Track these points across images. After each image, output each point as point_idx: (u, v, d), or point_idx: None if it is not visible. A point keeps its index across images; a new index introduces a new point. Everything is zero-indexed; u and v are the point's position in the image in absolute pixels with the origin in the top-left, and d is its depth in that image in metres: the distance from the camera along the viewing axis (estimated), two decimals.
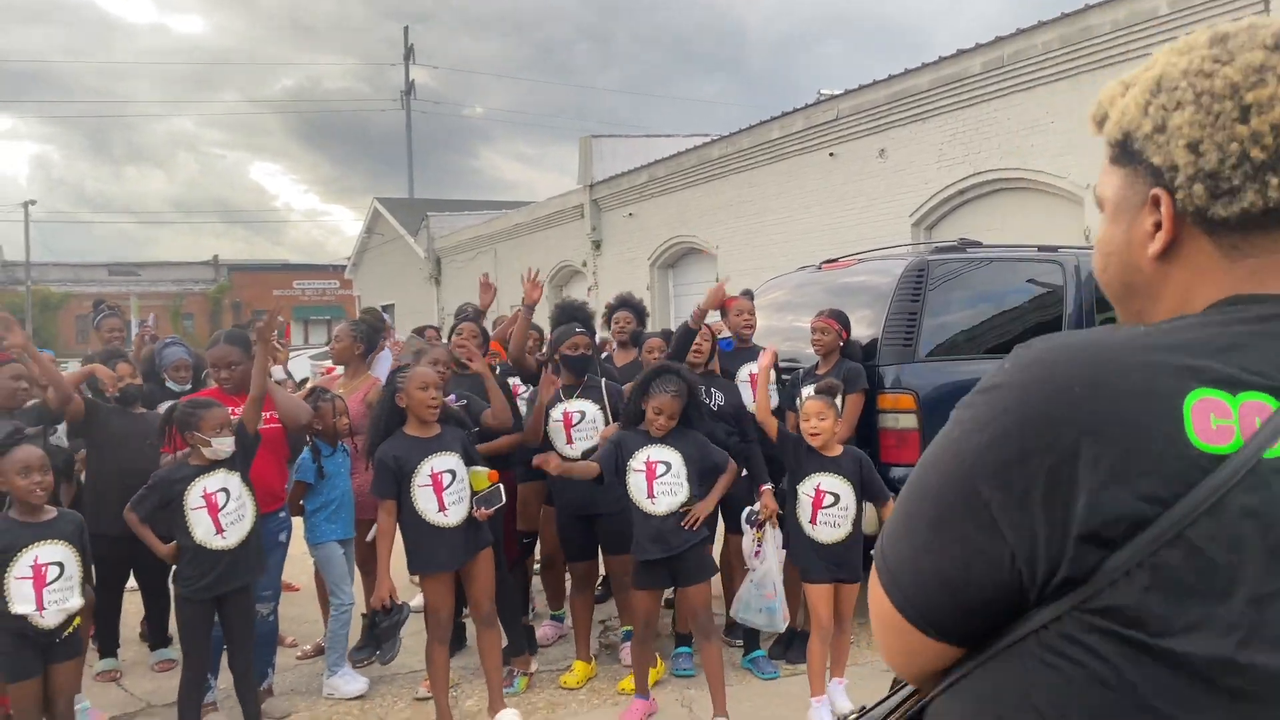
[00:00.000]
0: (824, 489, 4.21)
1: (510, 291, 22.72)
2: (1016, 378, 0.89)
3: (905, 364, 5.18)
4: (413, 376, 4.17)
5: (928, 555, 0.91)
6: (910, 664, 0.99)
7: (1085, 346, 0.88)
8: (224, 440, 3.91)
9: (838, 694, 4.30)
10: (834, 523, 4.20)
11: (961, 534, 0.88)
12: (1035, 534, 0.83)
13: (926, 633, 0.93)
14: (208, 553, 3.85)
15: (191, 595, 3.89)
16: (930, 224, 12.23)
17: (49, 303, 45.46)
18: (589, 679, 4.81)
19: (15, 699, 3.46)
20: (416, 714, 4.51)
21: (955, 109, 11.76)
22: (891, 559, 0.96)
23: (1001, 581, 0.86)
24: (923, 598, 0.93)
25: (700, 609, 4.24)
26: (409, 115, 43.92)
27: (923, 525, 0.92)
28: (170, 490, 3.87)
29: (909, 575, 0.94)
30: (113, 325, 6.97)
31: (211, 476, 3.90)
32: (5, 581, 3.34)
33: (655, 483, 4.21)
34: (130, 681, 5.07)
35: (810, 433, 4.21)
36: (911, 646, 0.96)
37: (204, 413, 3.90)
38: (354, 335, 5.53)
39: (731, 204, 15.90)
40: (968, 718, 0.92)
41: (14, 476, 3.40)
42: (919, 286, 5.30)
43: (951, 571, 0.89)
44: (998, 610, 0.88)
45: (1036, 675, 0.85)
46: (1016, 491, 0.84)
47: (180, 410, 3.99)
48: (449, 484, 4.11)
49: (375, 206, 33.19)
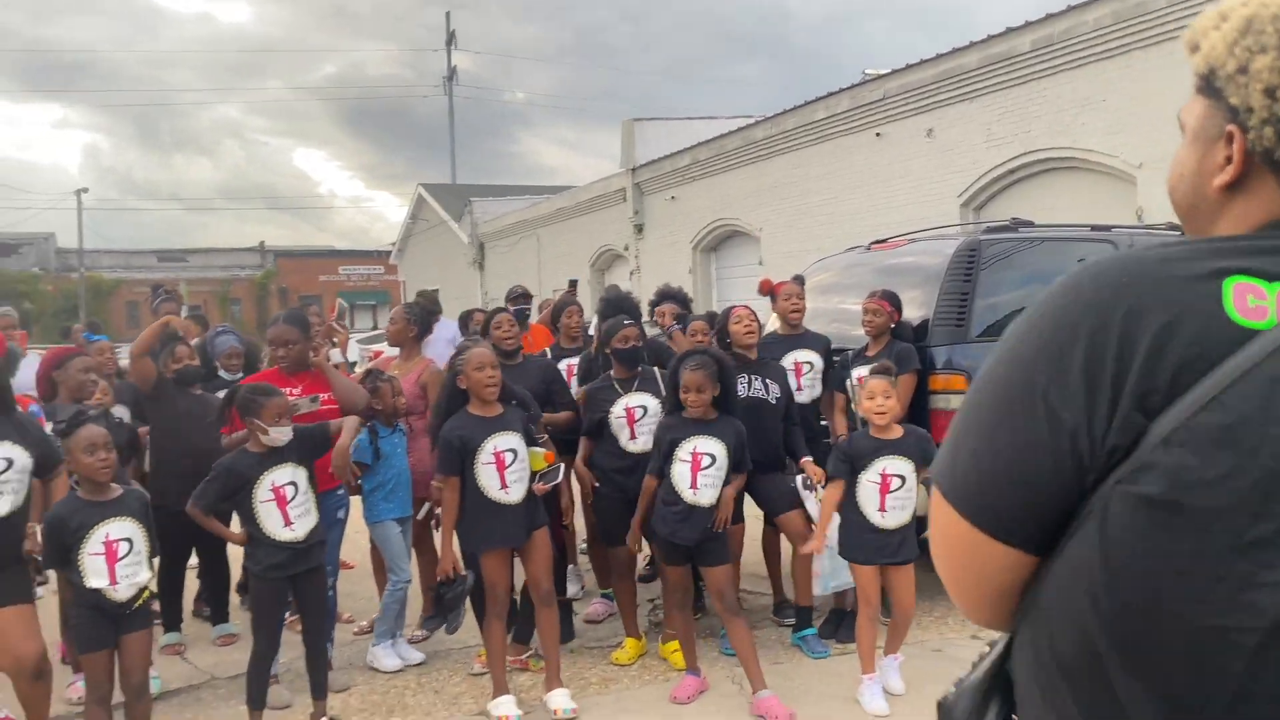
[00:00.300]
0: (890, 473, 4.20)
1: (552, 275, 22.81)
2: (1067, 281, 0.96)
3: (957, 345, 5.16)
4: (469, 358, 4.24)
5: (991, 456, 0.95)
6: (982, 588, 1.01)
7: (1131, 252, 0.95)
8: (282, 429, 3.98)
9: (891, 670, 4.32)
10: (901, 505, 4.20)
11: (1022, 426, 0.92)
12: (1090, 410, 0.88)
13: (996, 536, 0.95)
14: (278, 543, 3.95)
15: (263, 575, 3.99)
16: (979, 204, 12.09)
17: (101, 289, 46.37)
18: (640, 655, 4.86)
19: (89, 668, 3.58)
20: (471, 687, 4.59)
21: (1004, 87, 11.59)
22: (956, 470, 0.99)
23: (1064, 467, 0.90)
24: (990, 499, 0.95)
25: (725, 589, 4.31)
26: (451, 101, 44.14)
27: (983, 427, 0.96)
28: (235, 481, 3.95)
29: (974, 481, 0.97)
30: (169, 309, 7.12)
31: (280, 470, 3.98)
32: (80, 558, 3.45)
33: (700, 474, 4.26)
34: (193, 655, 5.20)
35: (876, 411, 4.21)
36: (983, 562, 0.98)
37: (265, 400, 3.97)
38: (408, 318, 5.61)
39: (775, 186, 15.82)
40: (1041, 627, 0.94)
41: (80, 454, 3.50)
42: (971, 266, 5.27)
43: (1017, 466, 0.93)
44: (1062, 501, 0.91)
45: (1087, 556, 0.89)
46: (1072, 374, 0.89)
47: (243, 394, 4.07)
48: (510, 462, 4.19)
49: (420, 192, 33.43)
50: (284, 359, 4.70)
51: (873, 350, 5.09)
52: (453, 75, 44.35)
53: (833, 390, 5.25)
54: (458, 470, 4.18)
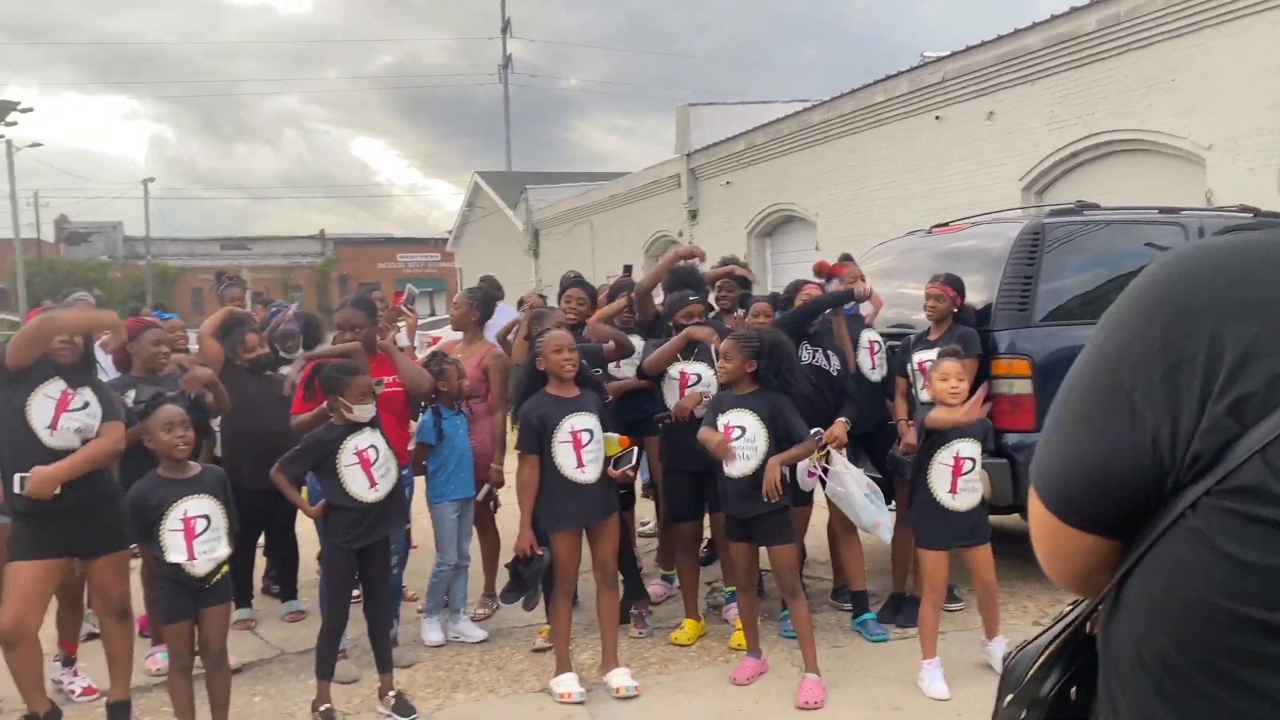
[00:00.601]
0: (963, 455, 4.22)
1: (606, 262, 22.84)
2: (1159, 275, 0.94)
3: (1020, 329, 5.11)
4: (547, 340, 4.33)
5: (1073, 449, 0.96)
6: (1066, 566, 1.03)
7: (1226, 242, 0.92)
8: (365, 407, 4.10)
9: (999, 651, 4.33)
10: (971, 488, 4.23)
11: (1105, 424, 0.92)
12: (1176, 417, 0.87)
13: (1076, 525, 0.97)
14: (360, 506, 4.07)
15: (341, 544, 4.11)
16: (1041, 188, 11.90)
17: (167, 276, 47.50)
18: (700, 636, 4.91)
19: (170, 638, 3.72)
20: (533, 664, 4.67)
21: (1068, 68, 11.38)
22: (1043, 461, 1.00)
23: (1143, 468, 0.90)
24: (1067, 490, 0.97)
25: (785, 569, 4.34)
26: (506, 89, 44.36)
27: (1069, 422, 0.97)
28: (323, 450, 4.08)
29: (1057, 472, 0.98)
30: (235, 295, 7.30)
31: (360, 435, 4.11)
32: (160, 533, 3.58)
33: (733, 441, 4.29)
34: (264, 630, 5.36)
35: (950, 392, 4.21)
36: (1064, 545, 1.00)
37: (350, 379, 4.09)
38: (471, 303, 5.69)
39: (832, 170, 15.71)
40: (1131, 617, 0.95)
41: (159, 432, 3.63)
42: (1035, 250, 5.21)
43: (1097, 462, 0.93)
44: (1140, 498, 0.91)
45: (1185, 562, 0.88)
46: (1158, 376, 0.88)
47: (328, 372, 4.18)
48: (587, 442, 4.28)
49: (475, 180, 33.70)
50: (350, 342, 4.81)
51: (934, 335, 5.06)
52: (508, 63, 44.55)
53: (893, 374, 5.23)
54: (537, 448, 4.27)
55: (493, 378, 5.33)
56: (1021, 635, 4.71)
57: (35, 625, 3.87)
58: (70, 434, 3.78)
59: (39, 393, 3.74)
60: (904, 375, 5.16)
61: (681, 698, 4.27)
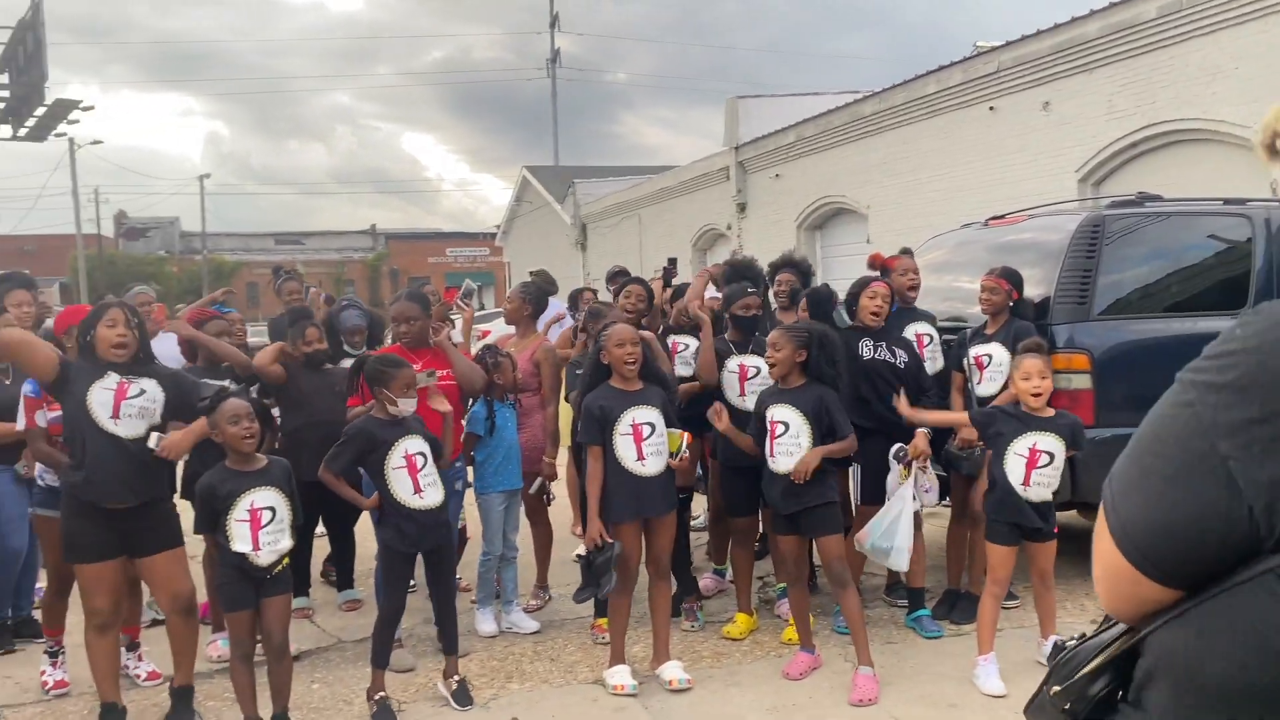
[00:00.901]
0: (1039, 449, 4.17)
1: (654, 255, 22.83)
2: (1254, 340, 0.93)
3: (1079, 323, 5.03)
4: (611, 334, 4.35)
5: (1161, 509, 0.95)
6: (1133, 608, 1.03)
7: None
8: (409, 400, 4.11)
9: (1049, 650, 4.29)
10: (1046, 483, 4.18)
11: (1198, 490, 0.91)
12: (1275, 488, 0.86)
13: (1155, 579, 0.98)
14: (404, 510, 4.08)
15: (390, 544, 4.15)
16: (1098, 179, 11.68)
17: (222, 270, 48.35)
18: (751, 631, 4.90)
19: (233, 626, 3.81)
20: (586, 656, 4.70)
21: (1127, 57, 11.14)
22: (1124, 511, 1.00)
23: (1236, 533, 0.89)
24: (1155, 548, 0.97)
25: (833, 560, 4.33)
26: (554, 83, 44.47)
27: (1157, 480, 0.96)
28: (367, 444, 4.08)
29: (1142, 527, 0.98)
30: (292, 289, 7.40)
31: (412, 439, 4.10)
32: (227, 524, 3.65)
33: (775, 442, 4.34)
34: (321, 619, 5.45)
35: (1033, 392, 4.17)
36: (1138, 593, 1.00)
37: (393, 371, 4.11)
38: (523, 297, 5.73)
39: (884, 162, 15.55)
40: (1191, 649, 0.95)
41: (226, 425, 3.71)
42: (1094, 242, 5.12)
43: (1185, 525, 0.93)
44: (1228, 558, 0.91)
45: (1266, 609, 0.88)
46: (1257, 449, 0.87)
47: (371, 365, 4.23)
48: (648, 435, 4.28)
49: (524, 174, 33.88)
50: (405, 335, 4.86)
51: (991, 329, 5.00)
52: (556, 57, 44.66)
53: (950, 369, 5.18)
54: (599, 439, 4.29)
55: (544, 371, 5.36)
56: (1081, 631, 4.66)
57: (123, 611, 4.01)
58: (134, 420, 3.83)
59: (96, 387, 3.79)
60: (960, 370, 5.10)
61: (734, 691, 4.27)
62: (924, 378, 4.96)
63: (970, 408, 5.00)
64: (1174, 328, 5.11)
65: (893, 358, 4.91)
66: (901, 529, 4.60)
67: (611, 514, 4.32)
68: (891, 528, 4.61)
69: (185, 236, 53.98)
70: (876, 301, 4.96)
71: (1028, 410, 4.23)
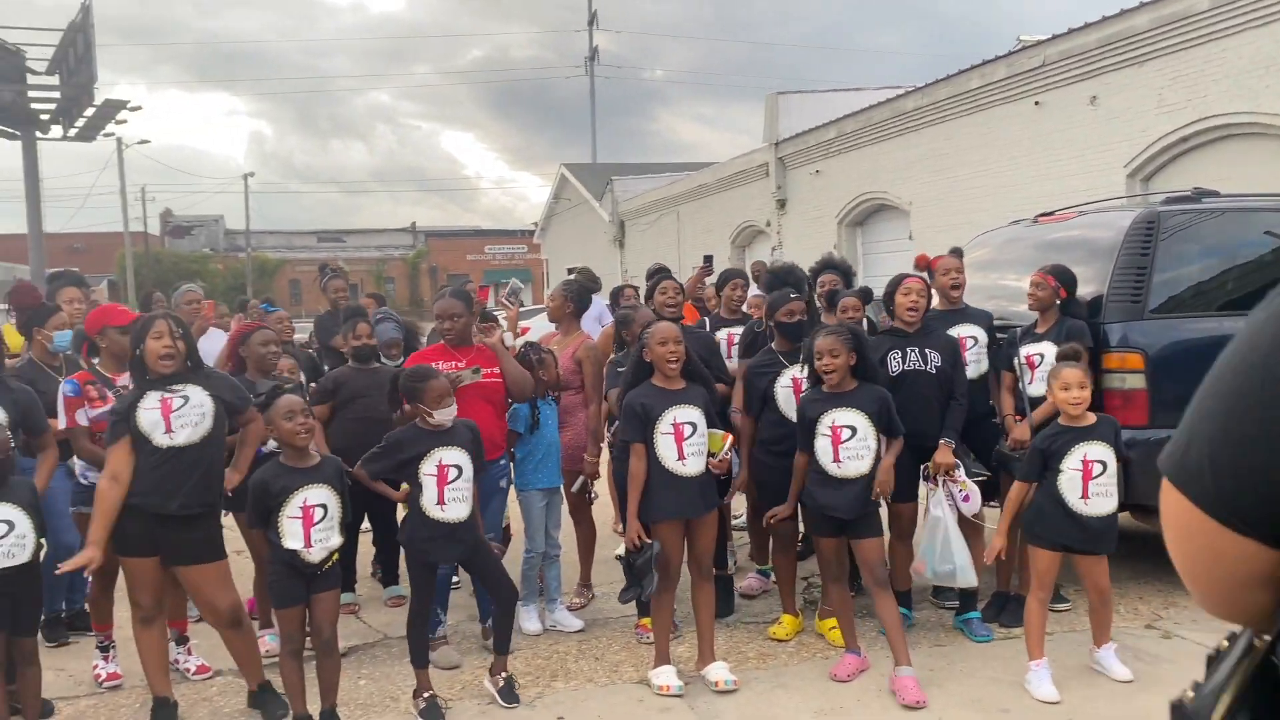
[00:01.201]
0: (1091, 458, 4.08)
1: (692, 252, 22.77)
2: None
3: (1133, 321, 4.93)
4: (654, 332, 4.32)
5: (1231, 444, 0.90)
6: (1215, 577, 0.96)
7: None
8: (445, 411, 4.08)
9: (1110, 659, 4.24)
10: (1105, 491, 4.09)
11: (1263, 416, 0.87)
12: None
13: (1232, 526, 0.91)
14: (424, 518, 4.06)
15: (407, 544, 4.16)
16: (1147, 175, 11.47)
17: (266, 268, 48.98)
18: (798, 632, 4.87)
19: (283, 622, 3.84)
20: (631, 655, 4.69)
21: (1178, 50, 10.93)
22: (1189, 457, 0.94)
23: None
24: (1227, 489, 0.90)
25: (876, 563, 4.30)
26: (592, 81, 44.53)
27: (1225, 416, 0.91)
28: (402, 453, 4.08)
29: (1209, 470, 0.92)
30: (338, 286, 7.47)
31: (449, 451, 4.07)
32: (279, 520, 3.68)
33: (841, 448, 4.27)
34: (367, 615, 5.48)
35: (1072, 402, 4.09)
36: (1217, 551, 0.93)
37: (423, 385, 4.08)
38: (565, 295, 5.72)
39: (926, 158, 15.40)
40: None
41: (280, 421, 3.74)
42: (1149, 239, 5.02)
43: (1259, 455, 0.88)
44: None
45: None
46: None
47: (404, 381, 4.21)
48: (689, 435, 4.25)
49: (562, 172, 33.97)
50: (449, 331, 4.87)
51: (1042, 327, 4.91)
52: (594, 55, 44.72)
53: (999, 369, 5.10)
54: (641, 437, 4.26)
55: (586, 369, 5.35)
56: (1133, 640, 4.58)
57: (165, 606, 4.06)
58: (188, 430, 3.85)
59: (141, 409, 3.82)
60: (1010, 369, 5.02)
61: (780, 693, 4.24)
62: (957, 382, 4.84)
63: (1020, 408, 4.93)
64: (1230, 326, 4.97)
65: (924, 364, 4.81)
66: (954, 546, 4.57)
67: (651, 513, 4.30)
68: (945, 550, 4.58)
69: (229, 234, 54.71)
70: (911, 298, 4.86)
71: (1068, 421, 4.15)
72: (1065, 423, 4.16)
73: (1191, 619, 4.89)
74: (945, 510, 4.62)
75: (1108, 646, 4.26)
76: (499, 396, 4.90)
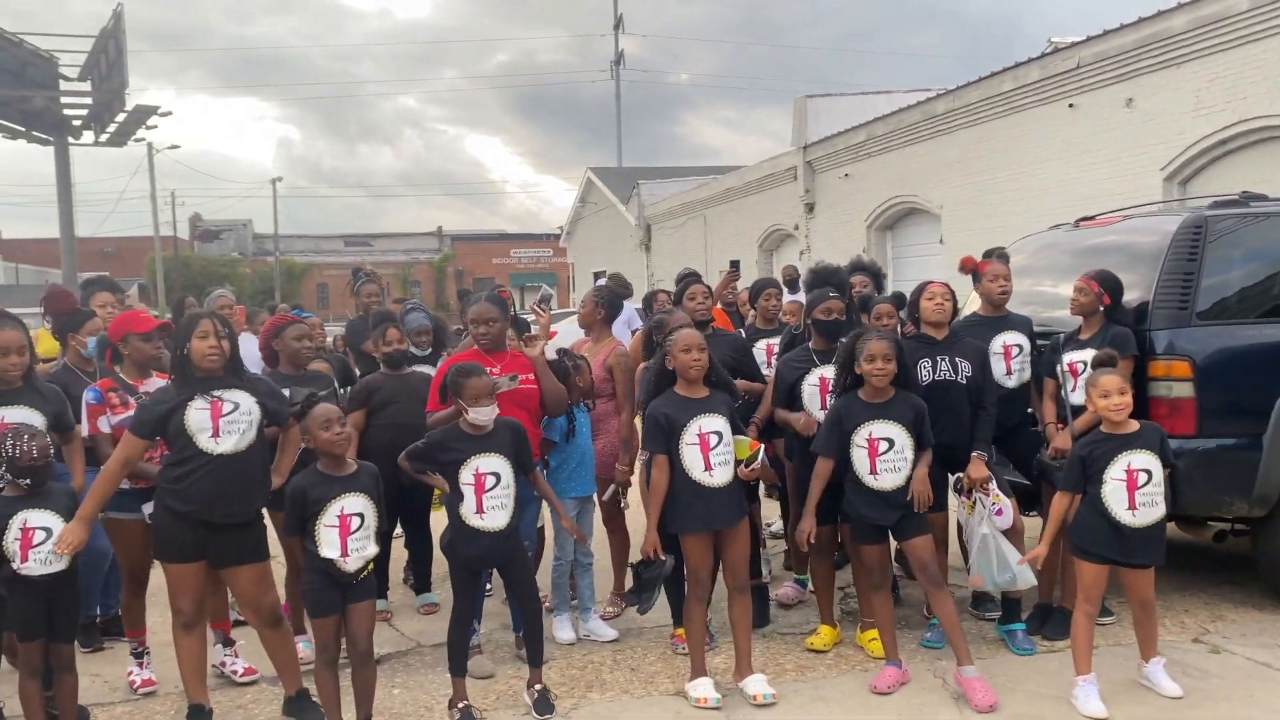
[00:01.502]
0: (1135, 468, 3.98)
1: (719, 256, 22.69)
2: None
3: (1180, 328, 4.82)
4: (677, 339, 4.26)
5: None
6: None
7: None
8: (483, 409, 4.03)
9: (1158, 673, 4.14)
10: (1151, 501, 3.99)
11: None
12: None
13: None
14: (467, 526, 4.01)
15: (448, 552, 4.11)
16: (1184, 178, 11.31)
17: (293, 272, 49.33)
18: (836, 643, 4.79)
19: (318, 631, 3.80)
20: (666, 667, 4.63)
21: (1216, 51, 10.77)
22: None
23: None
24: None
25: (928, 560, 4.26)
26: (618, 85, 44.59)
27: None
28: (442, 452, 4.05)
29: None
30: (370, 290, 7.47)
31: (487, 458, 4.02)
32: (316, 528, 3.66)
33: (879, 459, 4.22)
34: (399, 622, 5.45)
35: (1113, 409, 4.00)
36: None
37: (466, 381, 4.04)
38: (597, 301, 5.67)
39: (957, 161, 15.26)
40: None
41: (318, 430, 3.71)
42: (1196, 244, 4.91)
43: None
44: None
45: None
46: None
47: (450, 373, 4.20)
48: (715, 445, 4.17)
49: (588, 176, 34.00)
50: (485, 336, 4.82)
51: (1085, 334, 4.81)
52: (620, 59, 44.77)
53: (1041, 375, 5.00)
54: (664, 448, 4.19)
55: (617, 377, 5.30)
56: (1180, 655, 4.47)
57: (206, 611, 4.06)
58: (234, 437, 3.83)
59: (191, 408, 3.80)
60: (1053, 376, 4.92)
61: (820, 706, 4.16)
62: (985, 391, 4.74)
63: (1062, 416, 4.83)
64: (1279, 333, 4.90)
65: (955, 374, 4.71)
66: (1007, 555, 4.51)
67: (680, 525, 4.24)
68: (1001, 560, 4.51)
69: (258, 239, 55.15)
70: (935, 302, 4.77)
71: (1110, 428, 4.05)
72: (1107, 430, 4.07)
73: (1240, 633, 4.78)
74: (990, 526, 4.53)
75: (1156, 661, 4.16)
76: (534, 404, 4.85)
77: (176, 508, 3.81)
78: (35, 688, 3.78)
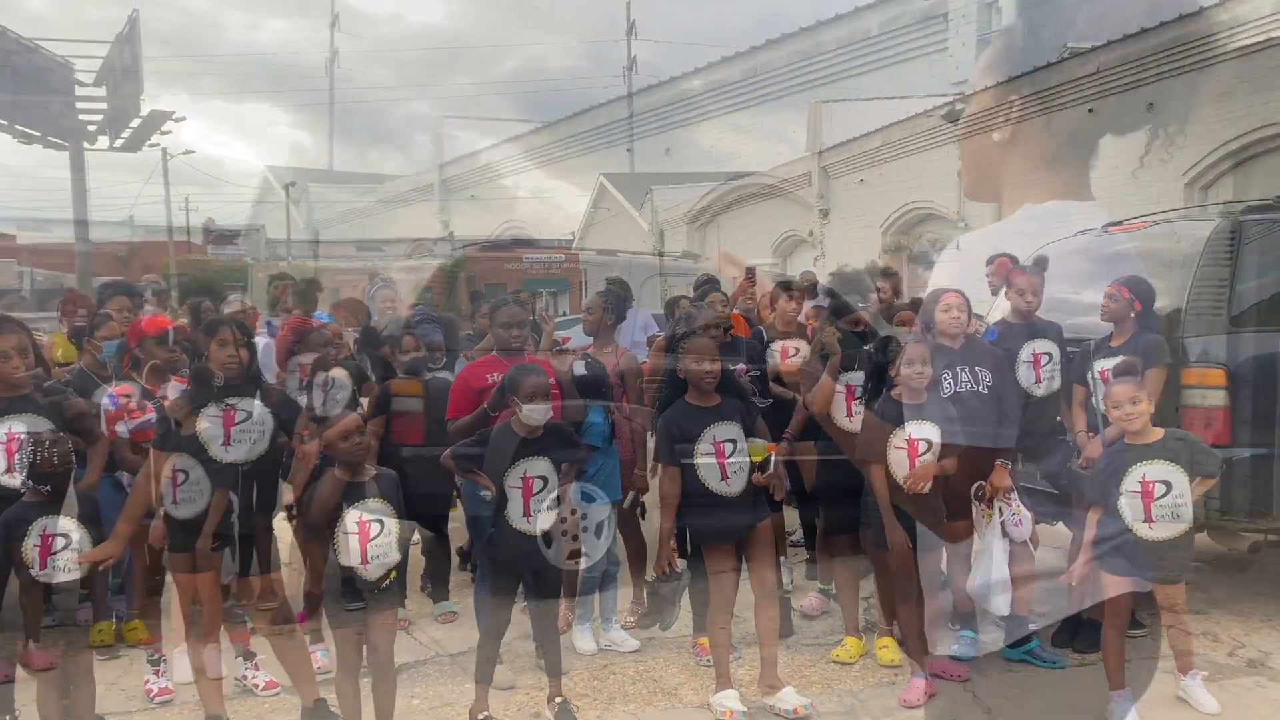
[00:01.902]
0: (1150, 479, 3.88)
1: None
2: None
3: (1214, 335, 4.73)
4: (690, 348, 4.19)
5: None
6: None
7: None
8: (535, 408, 3.97)
9: (1196, 687, 4.06)
10: (1171, 514, 3.88)
11: None
12: None
13: None
14: (513, 530, 3.96)
15: (493, 560, 4.06)
16: (1206, 183, 11.22)
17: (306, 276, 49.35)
18: (862, 655, 4.70)
19: (339, 641, 3.74)
20: (691, 678, 4.55)
21: (1240, 55, 10.66)
22: None
23: None
24: None
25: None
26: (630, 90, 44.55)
27: None
28: (490, 450, 4.00)
29: None
30: (387, 296, 7.42)
31: (536, 461, 3.97)
32: (335, 536, 3.60)
33: (918, 460, 4.22)
34: (418, 631, 5.39)
35: (1125, 419, 3.91)
36: None
37: (522, 379, 4.00)
38: (605, 306, 5.59)
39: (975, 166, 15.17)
40: None
41: (339, 443, 3.65)
42: (1231, 249, 4.82)
43: None
44: None
45: None
46: None
47: (509, 373, 4.14)
48: (730, 453, 4.11)
49: (601, 181, 33.99)
50: (517, 339, 4.76)
51: (1117, 341, 4.71)
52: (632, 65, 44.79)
53: (1071, 383, 4.90)
54: (676, 459, 4.13)
55: (629, 383, 5.22)
56: (1216, 668, 4.37)
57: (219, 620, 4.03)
58: (246, 446, 3.81)
59: (203, 416, 3.78)
60: (1084, 383, 4.82)
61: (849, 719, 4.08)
62: (1006, 399, 4.64)
63: (1093, 423, 4.73)
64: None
65: (975, 384, 4.62)
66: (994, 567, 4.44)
67: (700, 536, 4.19)
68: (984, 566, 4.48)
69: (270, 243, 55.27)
70: (951, 315, 4.66)
71: (1131, 439, 3.97)
72: (1130, 440, 3.99)
73: (1278, 645, 4.68)
74: (994, 534, 4.49)
75: (1194, 674, 4.07)
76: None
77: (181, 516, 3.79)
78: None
